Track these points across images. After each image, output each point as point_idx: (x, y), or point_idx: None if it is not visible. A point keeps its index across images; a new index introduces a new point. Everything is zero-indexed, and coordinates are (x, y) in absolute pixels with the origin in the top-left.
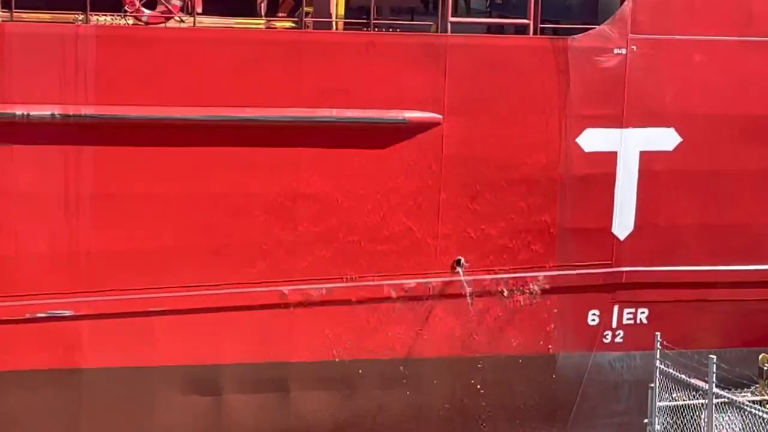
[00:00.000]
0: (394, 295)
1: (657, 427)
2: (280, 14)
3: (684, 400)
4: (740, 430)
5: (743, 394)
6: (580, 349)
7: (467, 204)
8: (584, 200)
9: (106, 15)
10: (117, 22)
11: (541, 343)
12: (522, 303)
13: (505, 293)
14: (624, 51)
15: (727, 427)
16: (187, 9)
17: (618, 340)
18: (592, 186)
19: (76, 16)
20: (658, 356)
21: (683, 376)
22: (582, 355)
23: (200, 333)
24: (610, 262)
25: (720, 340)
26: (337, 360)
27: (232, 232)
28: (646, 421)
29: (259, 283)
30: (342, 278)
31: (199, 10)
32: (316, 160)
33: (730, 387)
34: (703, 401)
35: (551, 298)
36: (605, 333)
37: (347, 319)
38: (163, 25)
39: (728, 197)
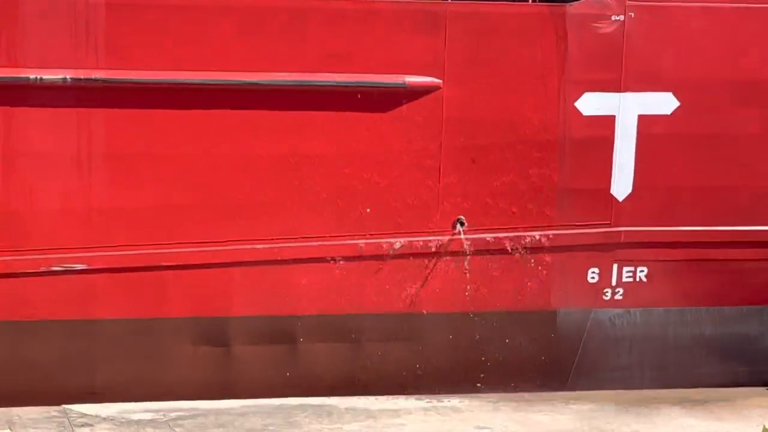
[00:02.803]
0: (393, 252)
1: None
2: None
3: None
4: None
5: None
6: (580, 306)
7: (468, 165)
8: (583, 162)
9: None
10: None
11: (542, 299)
12: (522, 260)
13: (505, 251)
14: (622, 18)
15: None
16: None
17: (618, 297)
18: (591, 148)
19: None
20: None
21: None
22: (582, 311)
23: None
24: (608, 222)
25: (718, 299)
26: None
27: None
28: None
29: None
30: (343, 235)
31: None
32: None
33: None
34: None
35: (550, 256)
36: (605, 290)
37: (350, 273)
38: None
39: (726, 160)
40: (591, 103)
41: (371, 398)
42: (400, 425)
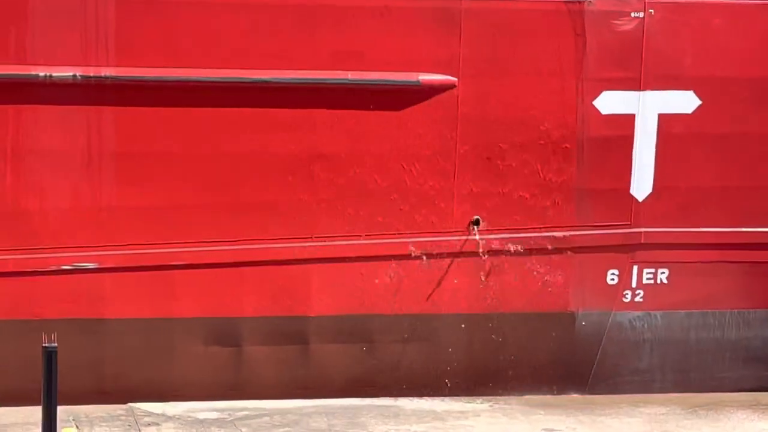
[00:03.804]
0: (409, 251)
1: None
2: None
3: None
4: None
5: None
6: (599, 308)
7: (483, 164)
8: (602, 161)
9: None
10: None
11: (560, 301)
12: (539, 261)
13: (522, 252)
14: (641, 14)
15: None
16: None
17: (638, 299)
18: (610, 148)
19: None
20: None
21: None
22: (601, 313)
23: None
24: (628, 222)
25: (743, 301)
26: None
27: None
28: None
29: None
30: (356, 235)
31: None
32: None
33: None
34: None
35: (568, 257)
36: (625, 292)
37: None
38: None
39: (749, 159)
40: (610, 102)
41: (437, 399)
42: (468, 427)
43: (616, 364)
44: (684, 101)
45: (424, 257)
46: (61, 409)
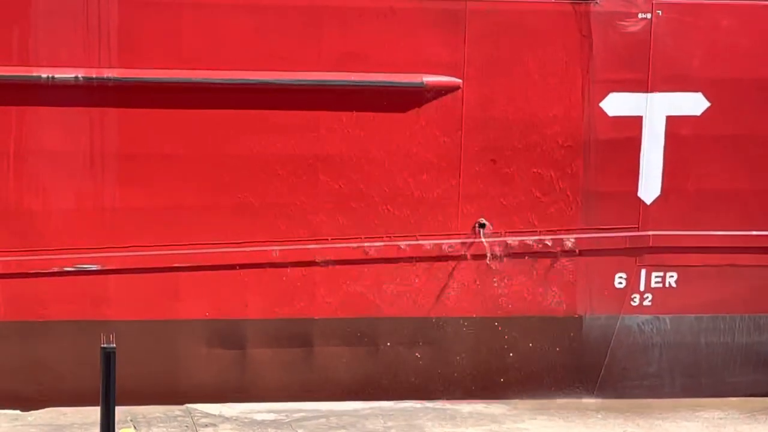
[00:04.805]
0: (413, 254)
1: None
2: None
3: None
4: None
5: None
6: (607, 312)
7: (488, 166)
8: (609, 164)
9: None
10: None
11: (566, 305)
12: (545, 265)
13: (529, 255)
14: (649, 16)
15: None
16: None
17: (646, 303)
18: (617, 150)
19: None
20: None
21: None
22: (609, 317)
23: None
24: (636, 226)
25: (755, 305)
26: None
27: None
28: None
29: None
30: (358, 237)
31: None
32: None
33: None
34: None
35: (575, 260)
36: (633, 296)
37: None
38: None
39: (759, 162)
40: (617, 104)
41: (494, 402)
42: (524, 430)
43: (625, 368)
44: (692, 103)
45: (429, 260)
46: (119, 410)
